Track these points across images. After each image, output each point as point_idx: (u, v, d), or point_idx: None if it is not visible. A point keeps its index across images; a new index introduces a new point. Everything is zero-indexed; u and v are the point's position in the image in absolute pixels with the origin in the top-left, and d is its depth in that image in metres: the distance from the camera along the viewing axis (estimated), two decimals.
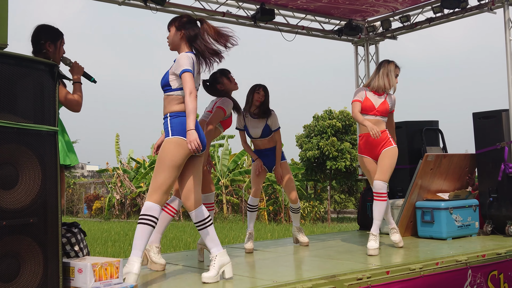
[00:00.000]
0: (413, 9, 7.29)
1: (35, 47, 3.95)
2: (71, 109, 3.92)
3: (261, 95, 5.36)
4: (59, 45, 4.03)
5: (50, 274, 2.91)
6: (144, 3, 5.92)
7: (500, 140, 6.10)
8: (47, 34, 3.99)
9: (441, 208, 5.91)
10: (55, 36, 4.02)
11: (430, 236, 5.95)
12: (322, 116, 25.30)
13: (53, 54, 3.97)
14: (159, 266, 4.23)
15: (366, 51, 8.02)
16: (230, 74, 4.88)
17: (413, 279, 4.18)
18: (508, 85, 6.06)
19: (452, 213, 5.96)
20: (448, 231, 5.92)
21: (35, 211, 2.87)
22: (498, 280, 4.85)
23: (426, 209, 6.04)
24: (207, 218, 3.81)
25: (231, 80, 4.86)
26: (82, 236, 3.93)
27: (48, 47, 3.95)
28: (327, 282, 3.68)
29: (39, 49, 3.93)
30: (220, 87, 4.83)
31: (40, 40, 3.94)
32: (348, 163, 23.67)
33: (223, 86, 4.82)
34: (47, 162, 2.96)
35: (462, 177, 6.61)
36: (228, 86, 4.84)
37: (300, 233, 5.76)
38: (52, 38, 3.99)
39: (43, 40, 3.94)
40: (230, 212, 23.73)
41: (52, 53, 3.97)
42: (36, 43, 3.95)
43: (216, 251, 3.77)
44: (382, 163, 5.15)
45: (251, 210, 5.56)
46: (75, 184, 32.45)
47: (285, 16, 7.23)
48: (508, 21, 6.12)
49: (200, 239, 4.78)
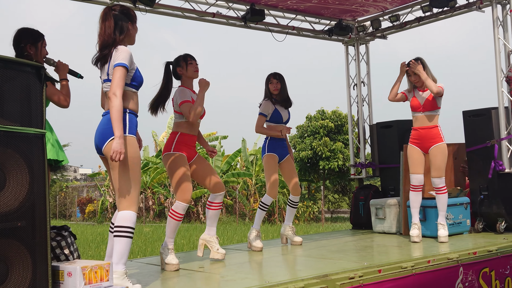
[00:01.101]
0: (403, 9, 7.31)
1: (16, 50, 3.98)
2: (59, 105, 4.00)
3: (274, 84, 5.55)
4: (40, 47, 4.04)
5: (39, 278, 2.89)
6: (133, 4, 5.90)
7: (490, 138, 6.13)
8: (27, 37, 4.01)
9: (432, 207, 5.91)
10: (36, 38, 4.03)
11: (423, 234, 5.95)
12: (315, 116, 25.35)
13: (34, 56, 3.99)
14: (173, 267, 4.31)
15: (357, 51, 8.03)
16: (192, 61, 4.76)
17: (405, 277, 4.18)
18: (497, 83, 6.09)
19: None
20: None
21: (23, 214, 2.85)
22: (490, 277, 4.86)
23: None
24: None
25: (188, 66, 4.71)
26: (72, 240, 3.92)
27: (29, 49, 3.97)
28: (319, 281, 3.67)
29: (20, 52, 3.96)
30: (180, 71, 4.75)
31: (21, 43, 3.98)
32: (341, 162, 23.71)
33: (182, 70, 4.74)
34: (35, 165, 2.93)
35: (455, 167, 6.70)
36: (184, 71, 4.73)
37: (292, 232, 5.77)
38: (33, 40, 4.01)
39: (23, 43, 3.98)
40: (224, 214, 23.69)
41: (34, 55, 3.99)
42: (17, 46, 3.98)
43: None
44: (435, 160, 5.62)
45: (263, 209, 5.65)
46: (68, 188, 32.31)
47: (275, 16, 7.23)
48: (496, 19, 6.15)
49: (204, 234, 4.84)
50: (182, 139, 4.61)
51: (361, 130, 7.97)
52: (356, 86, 8.04)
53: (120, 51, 3.51)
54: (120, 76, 3.45)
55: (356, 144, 8.08)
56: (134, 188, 3.47)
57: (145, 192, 25.86)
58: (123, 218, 3.44)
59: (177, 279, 4.02)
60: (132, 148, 3.47)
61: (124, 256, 3.42)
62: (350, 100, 8.10)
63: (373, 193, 7.19)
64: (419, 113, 5.75)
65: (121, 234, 3.42)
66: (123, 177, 3.44)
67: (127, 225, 3.43)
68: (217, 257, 4.73)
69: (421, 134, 5.70)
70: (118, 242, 3.43)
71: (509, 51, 6.13)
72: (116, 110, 3.40)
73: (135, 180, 3.47)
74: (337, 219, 25.32)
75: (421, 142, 5.71)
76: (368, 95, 8.04)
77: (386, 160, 7.35)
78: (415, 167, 5.74)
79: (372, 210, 6.76)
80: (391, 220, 6.49)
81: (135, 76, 3.61)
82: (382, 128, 7.47)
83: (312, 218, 23.05)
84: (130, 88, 3.60)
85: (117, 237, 3.44)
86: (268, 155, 5.55)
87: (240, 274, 4.10)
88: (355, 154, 8.11)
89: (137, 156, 3.52)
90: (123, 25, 3.62)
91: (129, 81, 3.58)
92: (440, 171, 5.61)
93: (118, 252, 3.42)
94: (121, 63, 3.46)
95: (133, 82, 3.61)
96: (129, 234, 3.44)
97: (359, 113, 8.00)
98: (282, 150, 5.61)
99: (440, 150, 5.62)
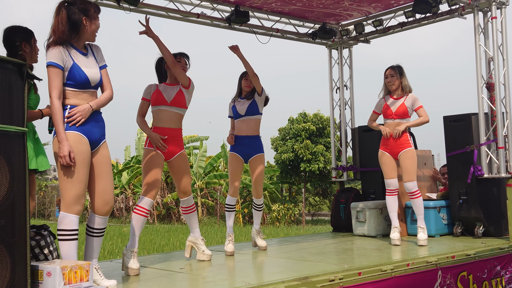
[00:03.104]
0: (386, 14, 7.38)
1: (9, 49, 3.86)
2: None
3: (249, 81, 5.45)
4: (33, 44, 3.96)
5: (17, 277, 2.85)
6: (117, 3, 5.85)
7: (470, 143, 6.21)
8: (21, 35, 3.91)
9: (430, 207, 6.27)
10: (29, 35, 3.95)
11: None
12: (297, 119, 25.42)
13: (30, 54, 3.90)
14: (133, 271, 4.17)
15: (340, 55, 8.08)
16: (180, 58, 4.71)
17: (385, 280, 4.22)
18: (478, 89, 6.18)
19: (440, 212, 6.39)
20: (436, 228, 6.36)
21: (3, 213, 2.81)
22: (468, 281, 4.92)
23: None
24: None
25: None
26: (51, 239, 3.87)
27: (24, 47, 3.87)
28: (299, 283, 3.69)
29: (15, 51, 3.84)
30: (166, 67, 4.72)
31: (15, 42, 3.86)
32: (322, 165, 23.82)
33: (168, 67, 4.69)
34: (15, 163, 2.89)
35: (425, 173, 6.99)
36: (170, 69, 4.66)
37: (258, 236, 5.69)
38: (27, 38, 3.92)
39: (18, 42, 3.86)
40: (205, 215, 23.64)
41: (29, 53, 3.90)
42: (10, 45, 3.86)
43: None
44: (405, 165, 5.74)
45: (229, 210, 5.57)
46: (47, 187, 31.90)
47: (260, 18, 7.24)
48: (477, 26, 6.24)
49: (190, 236, 4.85)
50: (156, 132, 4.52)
51: (343, 134, 8.01)
52: (338, 90, 8.09)
53: (48, 50, 3.40)
54: (50, 77, 3.35)
55: (337, 147, 8.12)
56: (67, 187, 3.33)
57: (125, 192, 25.68)
58: (59, 221, 3.37)
59: (157, 280, 4.00)
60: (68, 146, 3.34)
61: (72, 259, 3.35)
62: (333, 103, 8.15)
63: (354, 196, 7.24)
64: (390, 120, 5.88)
65: (59, 238, 3.37)
66: (59, 175, 3.36)
67: (62, 228, 3.34)
68: (203, 258, 4.78)
69: (390, 140, 5.82)
70: (60, 245, 3.37)
71: (490, 58, 6.22)
72: (54, 113, 3.33)
73: (69, 178, 3.33)
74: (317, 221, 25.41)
75: (390, 148, 5.83)
76: (351, 99, 8.09)
77: (367, 164, 7.41)
78: (388, 173, 5.87)
79: (353, 213, 6.81)
80: (372, 223, 6.55)
81: (70, 75, 3.44)
82: (363, 131, 7.53)
83: (293, 221, 23.10)
84: (68, 88, 3.45)
85: (59, 241, 3.38)
86: (229, 154, 5.51)
87: (221, 275, 4.10)
88: (336, 157, 8.15)
89: (77, 153, 3.36)
90: (77, 20, 3.47)
91: (64, 80, 3.43)
92: (411, 175, 5.71)
93: (62, 256, 3.35)
94: (48, 63, 3.36)
95: (68, 81, 3.44)
96: (66, 236, 3.34)
97: (341, 117, 8.05)
98: (247, 149, 5.44)
99: (409, 155, 5.74)
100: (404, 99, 5.83)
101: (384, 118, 5.97)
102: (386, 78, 5.94)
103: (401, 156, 5.77)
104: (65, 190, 3.35)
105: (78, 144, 3.39)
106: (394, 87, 5.89)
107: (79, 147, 3.40)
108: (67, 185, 3.34)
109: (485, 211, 6.15)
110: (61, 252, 3.36)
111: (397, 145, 5.78)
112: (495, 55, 6.13)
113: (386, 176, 5.89)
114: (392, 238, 5.69)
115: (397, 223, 5.81)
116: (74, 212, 3.36)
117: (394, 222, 5.82)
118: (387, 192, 5.89)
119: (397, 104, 5.83)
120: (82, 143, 3.42)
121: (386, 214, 6.31)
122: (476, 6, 6.24)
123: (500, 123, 6.06)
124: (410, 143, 5.79)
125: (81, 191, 3.38)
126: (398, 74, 5.88)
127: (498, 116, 6.07)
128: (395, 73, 5.89)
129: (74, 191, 3.35)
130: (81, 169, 3.37)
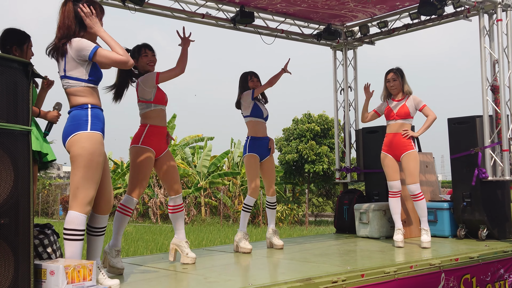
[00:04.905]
0: (391, 15, 7.38)
1: (2, 51, 3.91)
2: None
3: (255, 82, 5.58)
4: (25, 49, 3.97)
5: (21, 276, 2.86)
6: (122, 2, 5.87)
7: (474, 145, 6.20)
8: (13, 38, 3.94)
9: (444, 209, 6.37)
10: (21, 39, 3.97)
11: (433, 235, 6.19)
12: (301, 119, 25.39)
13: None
14: (118, 271, 4.13)
15: (345, 56, 8.08)
16: (147, 52, 4.57)
17: (388, 282, 4.21)
18: (482, 92, 6.17)
19: (453, 213, 6.42)
20: (450, 229, 6.43)
21: (7, 212, 2.81)
22: (471, 284, 4.91)
23: (429, 209, 6.35)
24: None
25: (142, 57, 4.56)
26: (55, 238, 3.88)
27: (14, 51, 3.90)
28: (302, 285, 3.69)
29: (6, 53, 3.88)
30: (135, 62, 4.54)
31: (6, 45, 3.92)
32: (326, 166, 23.78)
33: (136, 62, 4.55)
34: (20, 162, 2.90)
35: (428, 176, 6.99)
36: (137, 63, 4.57)
37: (275, 236, 5.76)
38: (19, 42, 3.95)
39: (8, 45, 3.91)
40: (208, 215, 23.65)
41: (19, 58, 3.92)
42: (2, 48, 3.92)
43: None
44: (408, 166, 5.72)
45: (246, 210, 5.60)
46: (51, 185, 31.96)
47: (265, 19, 7.25)
48: (483, 28, 6.23)
49: (174, 238, 4.75)
50: (151, 131, 4.45)
51: (347, 135, 8.01)
52: (343, 91, 8.09)
53: (76, 41, 3.35)
54: (106, 49, 3.37)
55: (341, 148, 8.11)
56: (84, 188, 3.28)
57: None
58: (69, 220, 3.30)
59: (160, 279, 4.00)
60: (91, 145, 3.30)
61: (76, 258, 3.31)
62: (337, 104, 8.14)
63: (358, 198, 7.24)
64: (392, 121, 5.90)
65: (66, 237, 3.31)
66: (76, 174, 3.29)
67: (72, 227, 3.29)
68: (187, 261, 4.62)
69: (392, 141, 5.84)
70: (66, 245, 3.32)
71: (495, 60, 6.21)
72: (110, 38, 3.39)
73: (88, 179, 3.29)
74: (321, 222, 25.38)
75: (393, 149, 5.85)
76: (355, 100, 8.09)
77: (371, 165, 7.40)
78: (391, 175, 5.87)
79: (356, 215, 6.80)
80: (375, 225, 6.54)
81: (92, 71, 3.42)
82: (367, 133, 7.52)
83: (296, 221, 23.07)
84: (88, 84, 3.41)
85: (65, 240, 3.33)
86: (249, 155, 5.54)
87: (224, 276, 4.10)
88: (340, 158, 8.15)
89: (97, 153, 3.32)
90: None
91: (86, 76, 3.40)
92: (414, 177, 5.71)
93: (67, 256, 3.31)
94: (94, 47, 3.34)
95: (90, 77, 3.42)
96: (76, 236, 3.30)
97: (345, 118, 8.04)
98: (263, 150, 5.59)
99: (411, 157, 5.74)
100: (405, 100, 5.84)
101: (387, 120, 5.97)
102: (389, 82, 5.93)
103: (403, 158, 5.77)
104: (81, 190, 3.29)
105: (101, 146, 3.38)
106: (397, 90, 5.89)
107: (101, 149, 3.39)
108: (85, 185, 3.29)
109: (489, 214, 6.13)
110: (66, 252, 3.32)
111: (400, 147, 5.79)
112: (500, 57, 6.12)
113: (389, 178, 5.89)
114: (395, 240, 5.69)
115: (400, 225, 5.80)
116: (86, 212, 3.33)
117: (398, 224, 5.81)
118: (390, 194, 5.88)
119: (398, 106, 5.85)
120: (103, 144, 3.42)
121: (390, 216, 6.30)
122: (482, 8, 6.23)
123: (505, 125, 6.05)
124: (412, 145, 5.79)
125: (95, 192, 3.37)
126: (400, 78, 5.89)
127: (503, 118, 6.06)
128: (397, 76, 5.88)
129: (91, 191, 3.32)
130: (99, 171, 3.35)
